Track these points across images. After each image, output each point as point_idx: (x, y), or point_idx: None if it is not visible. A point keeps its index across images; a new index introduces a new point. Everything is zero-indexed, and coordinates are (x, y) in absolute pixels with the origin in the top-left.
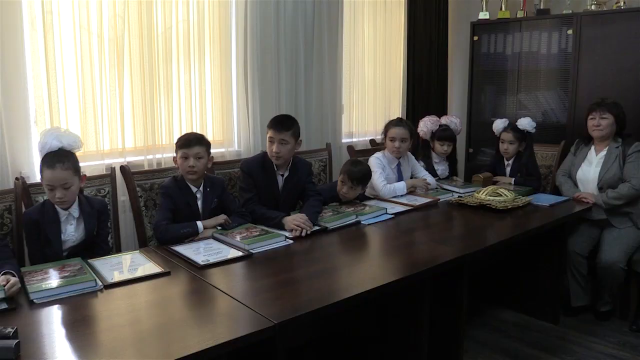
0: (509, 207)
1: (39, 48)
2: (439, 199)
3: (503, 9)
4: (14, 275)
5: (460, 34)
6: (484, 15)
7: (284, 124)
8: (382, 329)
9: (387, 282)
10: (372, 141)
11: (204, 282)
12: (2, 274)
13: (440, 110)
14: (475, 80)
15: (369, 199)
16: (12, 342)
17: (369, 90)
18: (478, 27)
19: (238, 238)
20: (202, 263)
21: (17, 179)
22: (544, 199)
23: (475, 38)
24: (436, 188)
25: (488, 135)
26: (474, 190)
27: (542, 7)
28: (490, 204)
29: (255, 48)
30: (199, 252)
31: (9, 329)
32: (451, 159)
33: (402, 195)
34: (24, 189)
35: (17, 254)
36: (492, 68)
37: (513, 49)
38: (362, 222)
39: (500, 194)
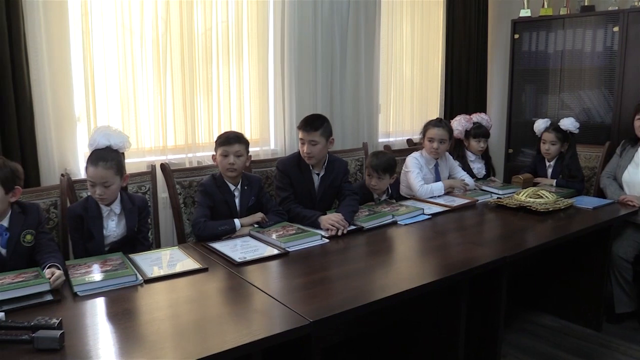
0: (550, 209)
1: (84, 49)
2: (477, 200)
3: (545, 6)
4: (58, 268)
5: (500, 32)
6: (525, 12)
7: (312, 125)
8: (416, 331)
9: (423, 283)
10: (409, 141)
11: (240, 278)
12: (48, 267)
13: (479, 109)
14: (516, 79)
15: (406, 199)
16: (57, 333)
17: (406, 89)
18: (519, 25)
19: (274, 236)
20: (239, 260)
21: (62, 175)
22: (587, 202)
23: (516, 36)
24: (474, 189)
25: (529, 135)
26: (513, 191)
27: (586, 4)
28: (530, 206)
29: (292, 48)
30: (236, 249)
31: (54, 320)
32: (486, 156)
33: (439, 196)
34: (68, 185)
35: (62, 248)
36: (534, 67)
37: (555, 47)
38: (398, 222)
39: (541, 195)
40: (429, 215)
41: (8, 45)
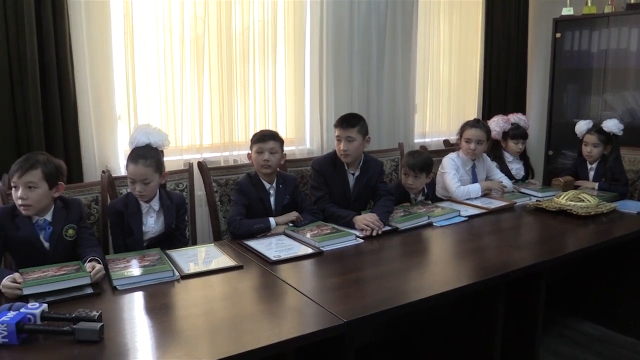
0: (592, 213)
1: (124, 48)
2: (516, 203)
3: (589, 4)
4: (99, 262)
5: (541, 31)
6: (567, 11)
7: (349, 122)
8: (451, 333)
9: (459, 286)
10: (445, 141)
11: (274, 277)
12: (89, 261)
13: (518, 110)
14: (557, 79)
15: (442, 200)
16: (97, 325)
17: (443, 89)
18: (561, 23)
19: (309, 235)
20: (274, 258)
21: (103, 172)
22: (631, 206)
23: (558, 35)
24: (512, 191)
25: (570, 137)
26: (553, 194)
27: (632, 2)
28: (571, 210)
29: (329, 47)
30: (271, 247)
31: (94, 313)
32: (524, 157)
33: (476, 198)
34: (109, 181)
35: (102, 243)
36: (576, 67)
37: (599, 47)
38: (434, 223)
39: (582, 199)
40: (465, 217)
41: (54, 46)
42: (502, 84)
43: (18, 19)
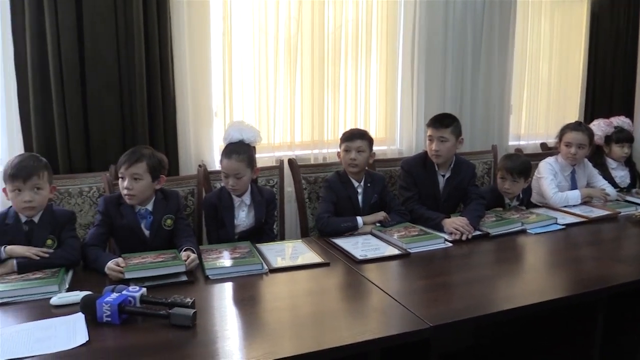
0: None
1: (222, 49)
2: (620, 213)
3: None
4: (193, 252)
5: None
6: None
7: (443, 122)
8: (540, 347)
9: (553, 298)
10: (543, 145)
11: (360, 276)
12: (184, 250)
13: (625, 113)
14: None
15: (537, 206)
16: (190, 312)
17: (542, 90)
18: None
19: (396, 236)
20: (360, 257)
21: (199, 166)
22: None
23: None
24: (616, 200)
25: None
26: None
27: None
28: None
29: (422, 46)
30: (357, 246)
31: (188, 299)
32: (630, 163)
33: (575, 205)
34: (204, 175)
35: (196, 233)
36: None
37: None
38: (527, 230)
39: None
40: (562, 225)
41: (158, 47)
42: (607, 85)
43: (127, 21)
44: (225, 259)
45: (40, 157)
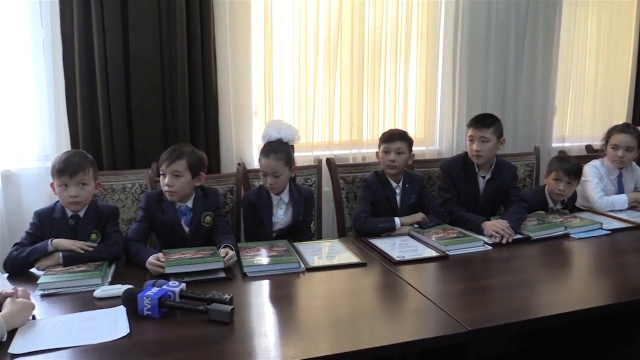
0: None
1: (264, 48)
2: None
3: None
4: (232, 249)
5: None
6: None
7: (484, 122)
8: (585, 356)
9: (597, 305)
10: (588, 147)
11: (397, 277)
12: (222, 247)
13: None
14: None
15: (581, 210)
16: (228, 308)
17: (587, 90)
18: None
19: (434, 238)
20: (397, 259)
21: (238, 164)
22: None
23: None
24: None
25: None
26: None
27: None
28: None
29: (464, 46)
30: (395, 247)
31: (226, 296)
32: None
33: (621, 210)
34: (244, 173)
35: (234, 230)
36: None
37: None
38: (571, 235)
39: None
40: (608, 230)
41: (200, 46)
42: None
43: (170, 20)
44: (262, 257)
45: (86, 153)
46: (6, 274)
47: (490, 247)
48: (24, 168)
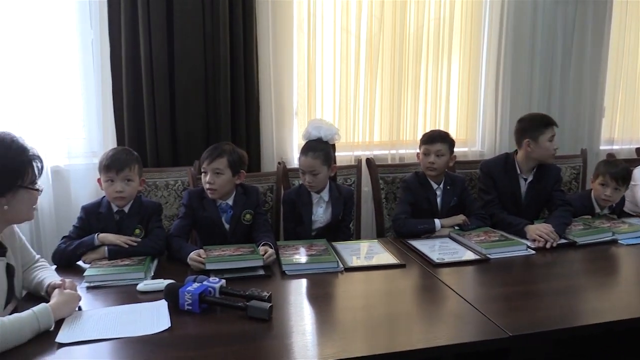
0: None
1: (304, 48)
2: None
3: None
4: (271, 247)
5: None
6: None
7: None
8: None
9: None
10: (638, 150)
11: (436, 279)
12: (262, 245)
13: None
14: None
15: (630, 216)
16: (267, 305)
17: (639, 91)
18: None
19: (475, 241)
20: (437, 261)
21: (279, 163)
22: None
23: None
24: None
25: None
26: None
27: None
28: None
29: (508, 45)
30: (435, 249)
31: (265, 293)
32: None
33: None
34: (284, 172)
35: (274, 229)
36: None
37: None
38: (619, 240)
39: None
40: None
41: (242, 46)
42: None
43: (214, 21)
44: (301, 256)
45: (132, 151)
46: (54, 266)
47: (533, 252)
48: (73, 164)
